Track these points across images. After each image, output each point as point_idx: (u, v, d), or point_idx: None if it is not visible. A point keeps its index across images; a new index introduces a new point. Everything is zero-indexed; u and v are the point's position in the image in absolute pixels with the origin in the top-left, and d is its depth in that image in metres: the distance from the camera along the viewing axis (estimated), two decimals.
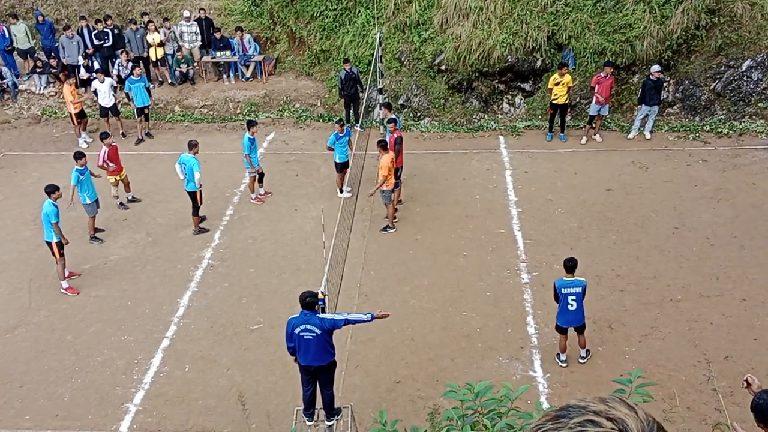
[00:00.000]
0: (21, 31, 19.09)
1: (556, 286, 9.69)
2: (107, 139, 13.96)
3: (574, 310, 9.62)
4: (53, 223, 11.58)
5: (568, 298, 9.58)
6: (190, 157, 13.22)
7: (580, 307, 9.63)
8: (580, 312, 9.67)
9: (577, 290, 9.58)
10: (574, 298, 9.56)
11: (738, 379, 9.58)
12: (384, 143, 13.05)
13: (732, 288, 11.46)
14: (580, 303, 9.61)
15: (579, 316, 9.70)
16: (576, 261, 9.73)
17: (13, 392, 10.02)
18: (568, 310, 9.64)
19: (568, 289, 9.58)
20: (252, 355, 10.50)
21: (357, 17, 18.27)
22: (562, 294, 9.61)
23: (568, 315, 9.69)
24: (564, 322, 9.78)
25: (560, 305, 9.71)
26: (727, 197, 13.99)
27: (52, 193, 11.70)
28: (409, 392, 9.71)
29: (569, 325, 9.79)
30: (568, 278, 9.63)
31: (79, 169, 12.83)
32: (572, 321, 9.74)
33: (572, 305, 9.59)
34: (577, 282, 9.62)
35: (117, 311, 11.61)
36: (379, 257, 12.69)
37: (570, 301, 9.58)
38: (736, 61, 16.62)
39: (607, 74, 15.74)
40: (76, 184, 12.82)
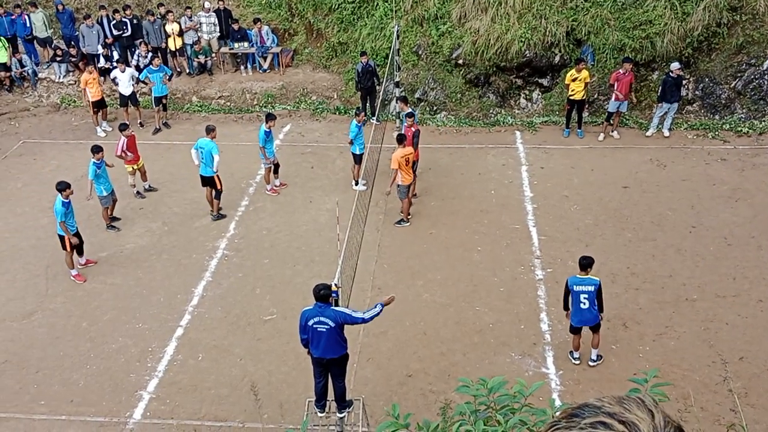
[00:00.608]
0: (39, 20, 19.23)
1: (568, 283, 9.57)
2: (126, 130, 14.06)
3: (586, 308, 9.49)
4: (60, 222, 11.67)
5: (579, 296, 9.46)
6: (208, 141, 13.35)
7: (593, 306, 9.48)
8: (594, 311, 9.52)
9: (589, 289, 9.43)
10: (586, 296, 9.43)
11: (753, 380, 9.54)
12: (402, 137, 13.03)
13: (749, 288, 11.36)
14: (592, 302, 9.46)
15: (592, 315, 9.55)
16: (592, 259, 9.59)
17: (29, 378, 10.14)
18: (580, 308, 9.51)
19: (580, 287, 9.46)
20: (265, 346, 10.55)
21: (375, 10, 18.23)
22: (573, 291, 9.49)
23: (580, 314, 9.58)
24: (577, 321, 9.67)
25: (573, 304, 9.58)
26: (745, 197, 13.85)
27: (63, 191, 11.69)
28: (421, 386, 9.72)
29: (582, 324, 9.68)
30: (582, 276, 9.51)
31: (96, 162, 12.92)
32: (585, 320, 9.62)
33: (584, 303, 9.47)
34: (590, 281, 9.47)
35: (132, 299, 11.70)
36: (393, 250, 12.70)
37: (582, 299, 9.46)
38: (758, 60, 16.41)
39: (626, 71, 15.60)
40: (93, 178, 12.91)
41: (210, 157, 13.29)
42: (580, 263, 9.55)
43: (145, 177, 14.77)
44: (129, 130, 14.19)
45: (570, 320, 9.76)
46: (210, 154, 13.27)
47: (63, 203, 11.65)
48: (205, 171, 13.46)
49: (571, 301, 9.62)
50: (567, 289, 9.60)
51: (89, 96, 17.06)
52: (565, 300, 9.73)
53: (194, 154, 13.60)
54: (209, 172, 13.42)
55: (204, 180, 13.59)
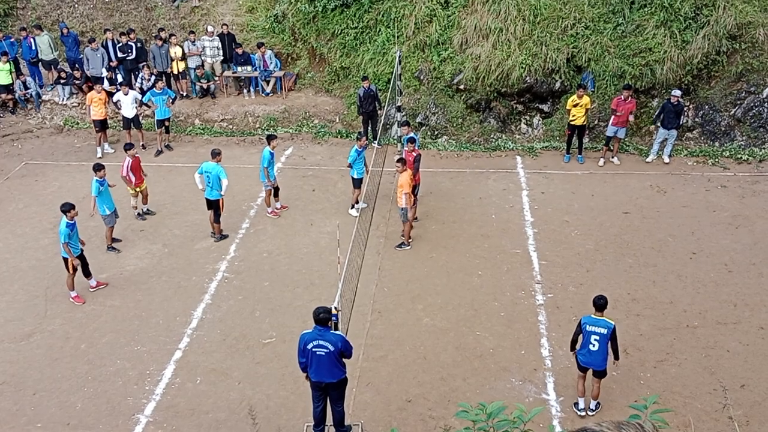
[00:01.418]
0: (45, 43, 19.43)
1: (581, 322, 9.18)
2: (131, 150, 14.09)
3: (596, 350, 9.08)
4: (63, 243, 11.67)
5: (591, 337, 9.06)
6: (214, 165, 13.46)
7: (603, 350, 9.07)
8: (603, 355, 9.10)
9: (602, 331, 9.00)
10: (597, 338, 9.02)
11: (755, 408, 9.47)
12: (403, 161, 13.09)
13: (750, 315, 11.32)
14: (603, 345, 9.04)
15: (600, 359, 9.14)
16: (606, 299, 9.16)
17: (26, 399, 10.07)
18: (590, 350, 9.12)
19: (593, 328, 9.05)
20: (264, 369, 10.49)
21: (377, 36, 18.41)
22: (586, 332, 9.09)
23: (589, 355, 9.17)
24: (584, 361, 9.26)
25: (583, 343, 9.19)
26: (745, 223, 13.86)
27: (68, 212, 11.71)
28: (421, 411, 9.65)
29: (589, 366, 9.27)
30: (597, 317, 9.09)
31: (99, 180, 13.03)
32: (593, 363, 9.21)
33: (594, 345, 9.07)
34: (605, 323, 9.04)
35: (131, 321, 11.66)
36: (394, 274, 12.68)
37: (593, 340, 9.05)
38: (757, 88, 16.54)
39: (626, 97, 15.71)
40: (96, 195, 13.00)
41: (218, 181, 13.39)
42: (595, 303, 9.11)
43: (146, 200, 14.78)
44: (134, 150, 14.23)
45: (577, 359, 9.41)
46: (218, 178, 13.38)
47: (67, 224, 11.66)
48: (211, 194, 13.53)
49: (581, 340, 9.24)
50: (579, 327, 9.20)
51: (91, 113, 17.16)
52: (574, 339, 9.35)
53: (198, 179, 13.63)
54: (216, 196, 13.52)
55: (210, 203, 13.66)
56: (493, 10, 17.23)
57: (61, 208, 11.80)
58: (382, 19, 18.34)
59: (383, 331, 11.22)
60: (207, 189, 13.55)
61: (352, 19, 18.53)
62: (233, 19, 20.47)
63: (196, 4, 20.82)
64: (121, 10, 21.10)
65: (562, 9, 17.12)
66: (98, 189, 13.00)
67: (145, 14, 21.03)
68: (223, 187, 13.43)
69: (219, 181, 13.40)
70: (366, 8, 18.34)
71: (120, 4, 21.13)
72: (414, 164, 13.41)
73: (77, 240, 12.02)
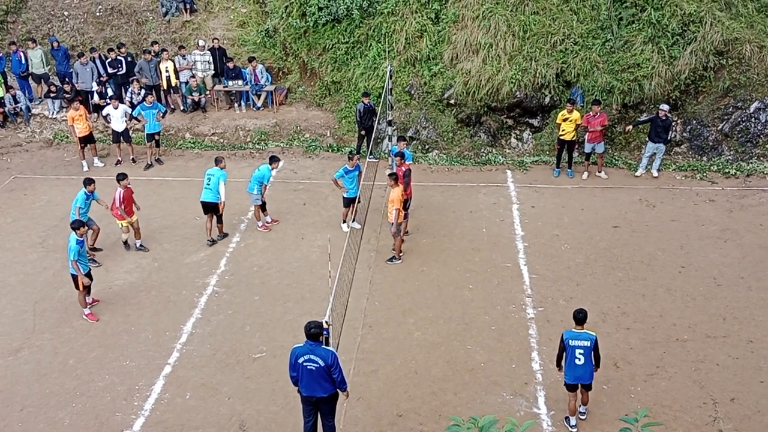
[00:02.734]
0: (37, 57, 19.42)
1: (563, 338, 9.12)
2: (124, 180, 13.40)
3: (581, 364, 9.06)
4: (72, 261, 11.57)
5: (575, 351, 9.04)
6: (218, 170, 13.94)
7: (588, 363, 9.08)
8: (589, 367, 9.12)
9: (585, 344, 9.03)
10: (582, 351, 9.02)
11: (744, 422, 9.50)
12: (395, 176, 13.13)
13: (739, 329, 11.37)
14: (588, 358, 9.06)
15: (588, 372, 9.14)
16: (586, 312, 9.15)
17: (14, 415, 9.96)
18: (576, 364, 9.08)
19: (576, 342, 9.04)
20: (254, 384, 10.44)
21: (368, 50, 18.51)
22: (569, 346, 9.06)
23: (575, 370, 9.12)
24: (572, 378, 9.20)
25: (567, 359, 9.14)
26: (734, 237, 13.96)
27: (78, 229, 11.66)
28: (412, 426, 9.61)
29: (578, 381, 9.21)
30: (578, 330, 9.09)
31: (87, 194, 13.24)
32: (581, 377, 9.17)
33: (579, 359, 9.04)
34: (586, 335, 9.07)
35: (120, 336, 11.59)
36: (385, 288, 12.67)
37: (577, 354, 9.03)
38: (744, 103, 16.71)
39: (596, 113, 15.90)
40: (80, 206, 13.12)
41: (218, 184, 13.76)
42: (576, 317, 9.10)
43: (138, 234, 14.00)
44: (126, 180, 13.44)
45: (564, 378, 9.33)
46: (218, 182, 13.77)
47: (77, 241, 11.59)
48: (207, 197, 13.82)
49: (565, 357, 9.19)
50: (562, 344, 9.16)
51: (77, 132, 17.14)
52: (559, 356, 9.33)
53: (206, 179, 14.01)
54: (212, 198, 13.81)
55: (206, 207, 13.91)
56: (483, 25, 17.37)
57: (72, 226, 11.75)
58: (373, 34, 18.44)
59: (374, 345, 11.20)
60: (204, 191, 13.80)
61: (343, 34, 18.63)
62: (224, 33, 20.53)
63: (187, 19, 20.87)
64: (112, 24, 21.11)
65: (552, 25, 17.29)
66: (84, 202, 13.15)
67: (136, 28, 21.05)
68: (220, 191, 13.74)
69: (218, 185, 13.73)
70: (357, 23, 18.45)
71: (111, 18, 21.15)
72: (404, 179, 13.45)
73: (86, 257, 11.97)
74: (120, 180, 13.44)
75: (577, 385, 9.30)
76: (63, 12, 21.43)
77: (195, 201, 15.79)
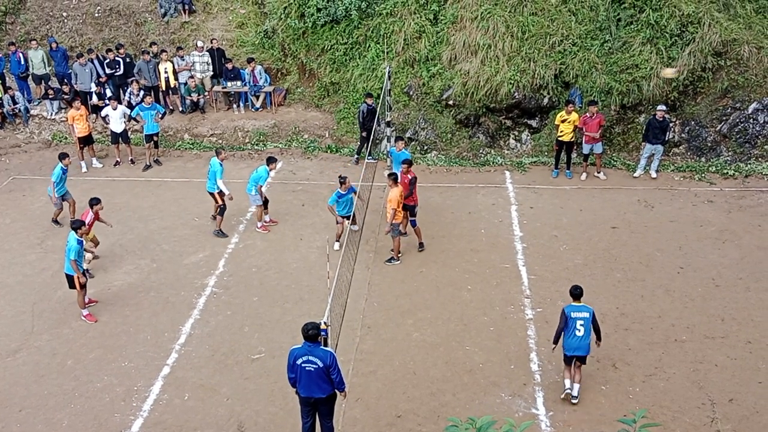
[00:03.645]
0: (38, 57, 19.42)
1: (565, 312, 9.66)
2: (97, 204, 12.97)
3: (581, 336, 9.59)
4: (72, 260, 11.57)
5: (576, 323, 9.59)
6: (215, 161, 14.41)
7: (587, 335, 9.62)
8: (587, 339, 9.66)
9: (585, 315, 9.60)
10: (582, 323, 9.58)
11: (743, 423, 9.50)
12: (395, 176, 13.13)
13: (737, 330, 11.38)
14: (587, 330, 9.61)
15: (585, 344, 9.67)
16: (582, 289, 9.80)
17: (12, 416, 9.96)
18: (576, 335, 9.60)
19: (577, 314, 9.60)
20: (252, 385, 10.43)
21: (367, 51, 18.52)
22: (570, 319, 9.60)
23: (574, 341, 9.62)
24: (571, 350, 9.69)
25: (568, 332, 9.64)
26: (732, 238, 13.97)
27: (78, 229, 11.67)
28: (410, 427, 9.61)
29: (575, 353, 9.70)
30: (577, 304, 9.71)
31: (63, 168, 14.36)
32: (579, 348, 9.67)
33: (579, 330, 9.58)
34: (585, 308, 9.68)
35: (118, 337, 11.58)
36: (383, 289, 12.67)
37: (578, 326, 9.58)
38: (743, 104, 16.74)
39: (592, 114, 15.92)
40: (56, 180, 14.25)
41: (214, 175, 14.28)
42: (573, 293, 9.72)
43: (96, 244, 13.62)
44: (100, 206, 13.02)
45: (563, 350, 9.79)
46: (214, 174, 14.26)
47: (78, 241, 11.59)
48: (208, 186, 14.48)
49: (565, 331, 9.67)
50: (564, 317, 9.64)
51: (76, 132, 17.14)
52: (559, 331, 9.74)
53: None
54: (210, 188, 14.40)
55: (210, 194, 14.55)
56: (481, 26, 17.39)
57: (72, 225, 11.77)
58: (372, 35, 18.46)
59: (373, 346, 11.20)
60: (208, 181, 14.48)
61: (341, 35, 18.64)
62: (223, 34, 20.54)
63: (185, 20, 20.88)
64: (111, 25, 21.13)
65: (550, 26, 17.30)
66: (60, 176, 14.27)
67: (134, 29, 21.06)
68: (218, 182, 14.23)
69: (215, 176, 14.24)
70: (355, 24, 18.46)
71: (110, 19, 21.16)
72: (409, 186, 13.37)
73: (82, 257, 11.97)
74: (93, 204, 12.96)
75: (573, 357, 9.77)
76: (62, 13, 21.44)
77: (194, 202, 15.85)
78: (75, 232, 11.63)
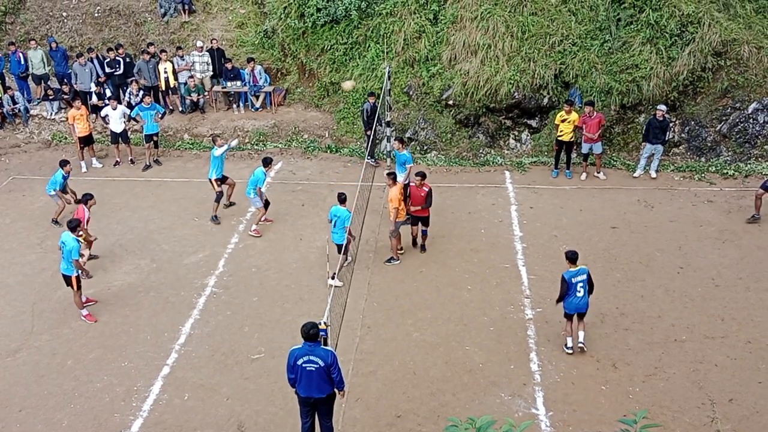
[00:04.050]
0: (38, 57, 19.42)
1: (566, 278, 10.46)
2: (91, 200, 13.14)
3: (582, 296, 10.52)
4: (74, 260, 11.55)
5: (577, 286, 10.48)
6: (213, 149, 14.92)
7: (586, 293, 10.57)
8: (587, 297, 10.59)
9: (583, 277, 10.51)
10: (581, 285, 10.48)
11: (743, 423, 9.50)
12: (393, 175, 13.12)
13: (737, 330, 11.38)
14: (586, 288, 10.55)
15: (585, 301, 10.60)
16: (577, 253, 10.62)
17: (12, 416, 9.95)
18: (577, 296, 10.51)
19: (577, 278, 10.48)
20: (252, 385, 10.43)
21: (367, 51, 18.51)
22: (572, 283, 10.45)
23: (577, 301, 10.54)
24: (573, 309, 10.62)
25: (570, 294, 10.50)
26: (732, 238, 13.97)
27: (75, 229, 11.66)
28: (410, 427, 9.61)
29: (577, 311, 10.65)
30: (574, 268, 10.51)
31: (65, 175, 14.74)
32: (580, 307, 10.62)
33: (579, 292, 10.49)
34: (582, 270, 10.58)
35: (118, 337, 11.58)
36: (383, 289, 12.67)
37: (578, 288, 10.48)
38: (743, 104, 16.73)
39: (590, 113, 15.91)
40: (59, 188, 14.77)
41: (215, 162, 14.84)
42: (570, 257, 10.55)
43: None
44: (93, 200, 13.21)
45: (565, 310, 10.69)
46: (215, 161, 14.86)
47: (77, 240, 11.59)
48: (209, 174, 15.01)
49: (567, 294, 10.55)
50: (566, 283, 10.46)
51: (76, 131, 17.13)
52: (562, 295, 10.59)
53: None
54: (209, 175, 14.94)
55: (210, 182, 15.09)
56: (481, 26, 17.39)
57: (69, 225, 11.74)
58: (372, 35, 18.45)
59: (373, 346, 11.19)
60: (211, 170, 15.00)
61: (341, 35, 18.64)
62: (223, 34, 20.53)
63: (185, 20, 20.88)
64: (111, 25, 21.13)
65: (550, 26, 17.30)
66: (60, 183, 14.72)
67: (134, 29, 21.06)
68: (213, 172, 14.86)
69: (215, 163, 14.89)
70: (355, 24, 18.46)
71: (109, 19, 21.16)
72: (426, 199, 13.02)
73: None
74: (87, 200, 13.06)
75: (573, 315, 10.72)
76: (61, 13, 21.44)
77: (194, 202, 15.86)
78: (72, 231, 11.62)
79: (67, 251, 11.58)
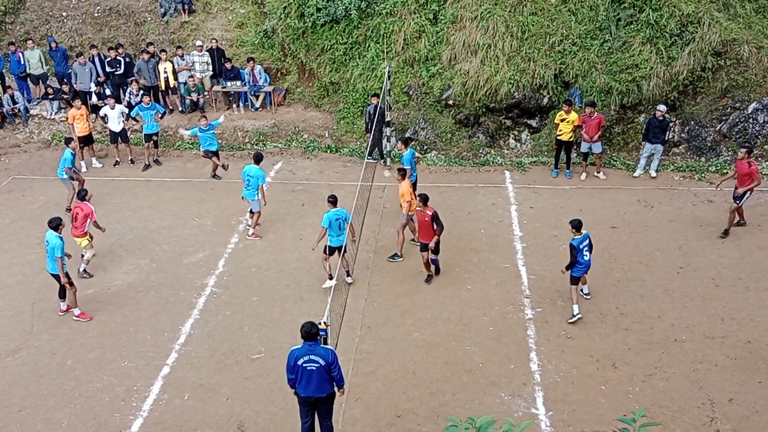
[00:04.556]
0: (35, 57, 19.42)
1: (574, 245, 11.21)
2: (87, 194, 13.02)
3: (587, 258, 11.40)
4: (57, 258, 11.52)
5: (583, 251, 11.33)
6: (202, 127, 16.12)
7: (589, 255, 11.48)
8: (589, 257, 11.47)
9: (587, 241, 11.41)
10: (587, 248, 11.39)
11: (742, 423, 9.50)
12: (403, 171, 13.15)
13: (737, 329, 11.38)
14: (590, 252, 11.47)
15: (589, 260, 11.47)
16: (581, 221, 11.36)
17: (12, 416, 9.95)
18: (584, 260, 11.34)
19: (583, 243, 11.32)
20: (252, 385, 10.43)
21: (367, 51, 18.51)
22: (579, 249, 11.23)
23: (584, 264, 11.38)
24: (580, 272, 11.44)
25: (578, 259, 11.23)
26: (732, 238, 13.97)
27: (57, 228, 11.61)
28: (410, 426, 9.61)
29: (583, 273, 11.50)
30: (579, 236, 11.29)
31: (72, 152, 15.16)
32: (586, 268, 11.49)
33: (586, 255, 11.38)
34: (585, 235, 11.43)
35: (118, 337, 11.58)
36: (383, 289, 12.67)
37: (584, 252, 11.35)
38: (742, 104, 16.73)
39: (591, 114, 15.92)
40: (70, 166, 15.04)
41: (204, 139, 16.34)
42: (575, 225, 11.26)
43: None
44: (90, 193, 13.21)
45: (572, 274, 11.44)
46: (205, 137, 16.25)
47: (60, 237, 11.55)
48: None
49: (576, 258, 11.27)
50: (575, 250, 11.18)
51: (76, 131, 17.13)
52: (572, 263, 11.27)
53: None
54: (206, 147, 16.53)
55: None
56: (481, 26, 17.39)
57: (51, 224, 11.59)
58: (372, 35, 18.45)
59: (372, 346, 11.20)
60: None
61: (341, 34, 18.64)
62: (223, 34, 20.53)
63: (185, 19, 20.87)
64: (110, 24, 21.12)
65: (550, 26, 17.31)
66: (71, 161, 15.10)
67: (134, 29, 21.05)
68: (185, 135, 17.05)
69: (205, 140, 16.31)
70: (355, 24, 18.46)
71: (109, 19, 21.16)
72: (431, 224, 12.10)
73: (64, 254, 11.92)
74: (84, 196, 12.95)
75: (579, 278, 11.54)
76: (61, 13, 21.43)
77: (193, 202, 15.87)
78: (55, 230, 11.57)
79: (50, 249, 11.54)
